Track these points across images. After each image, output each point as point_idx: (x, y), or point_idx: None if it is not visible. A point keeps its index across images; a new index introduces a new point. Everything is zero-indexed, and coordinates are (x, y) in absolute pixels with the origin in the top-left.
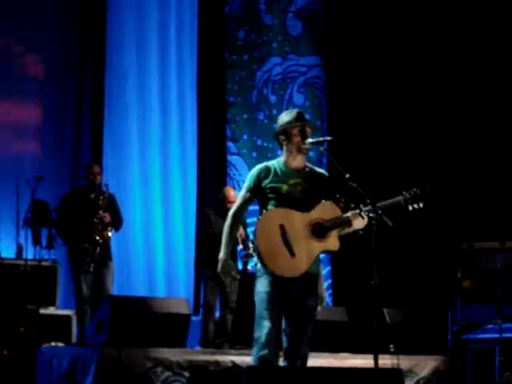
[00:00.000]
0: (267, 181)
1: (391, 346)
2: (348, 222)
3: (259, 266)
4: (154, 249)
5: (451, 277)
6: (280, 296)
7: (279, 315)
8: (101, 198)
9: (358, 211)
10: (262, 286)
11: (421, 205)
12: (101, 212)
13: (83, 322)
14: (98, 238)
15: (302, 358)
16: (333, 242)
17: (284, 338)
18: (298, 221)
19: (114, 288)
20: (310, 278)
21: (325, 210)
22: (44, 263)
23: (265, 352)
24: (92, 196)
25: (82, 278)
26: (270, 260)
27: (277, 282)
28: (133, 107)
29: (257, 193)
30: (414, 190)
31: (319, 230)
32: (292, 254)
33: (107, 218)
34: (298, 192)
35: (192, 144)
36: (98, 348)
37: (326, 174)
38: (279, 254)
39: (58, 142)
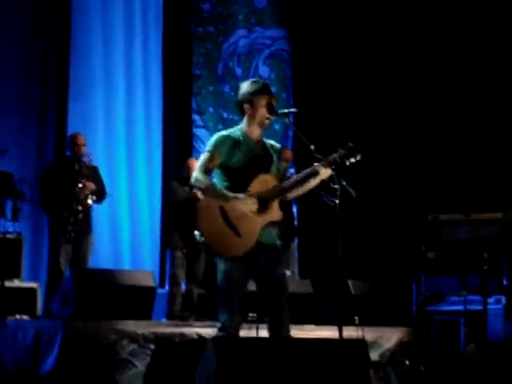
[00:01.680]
0: (231, 151)
1: (356, 317)
2: (315, 173)
3: None
4: (119, 221)
5: (416, 248)
6: (240, 275)
7: (240, 295)
8: (84, 168)
9: (322, 162)
10: (221, 264)
11: (358, 157)
12: (83, 181)
13: (53, 295)
14: (78, 206)
15: (286, 327)
16: (274, 212)
17: (264, 312)
18: (237, 199)
19: None
20: (269, 249)
21: (262, 182)
22: (9, 236)
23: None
24: (76, 167)
25: (61, 250)
26: (217, 245)
27: (236, 262)
28: (98, 79)
29: (220, 160)
30: (349, 143)
31: (260, 203)
32: (237, 233)
33: (90, 186)
34: (256, 165)
35: (157, 117)
36: (63, 320)
37: (278, 145)
38: (224, 237)
39: (22, 113)
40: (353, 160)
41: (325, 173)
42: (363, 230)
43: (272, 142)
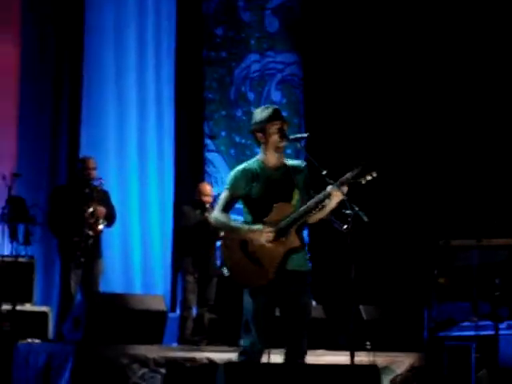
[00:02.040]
0: (250, 183)
1: (367, 343)
2: (328, 196)
3: None
4: (130, 245)
5: (427, 274)
6: (266, 304)
7: (265, 325)
8: (94, 192)
9: (336, 183)
10: (247, 295)
11: (374, 175)
12: (94, 205)
13: (64, 319)
14: (89, 231)
15: (302, 356)
16: (293, 240)
17: (285, 339)
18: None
19: None
20: (296, 275)
21: (280, 210)
22: (21, 259)
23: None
24: (86, 190)
25: (71, 274)
26: (241, 278)
27: (263, 289)
28: (110, 104)
29: (240, 195)
30: (362, 162)
31: (278, 232)
32: (259, 264)
33: (101, 211)
34: (276, 194)
35: (169, 141)
36: (74, 344)
37: (304, 163)
38: (246, 269)
39: (35, 138)
40: (369, 178)
41: (339, 194)
42: (375, 255)
43: (296, 162)
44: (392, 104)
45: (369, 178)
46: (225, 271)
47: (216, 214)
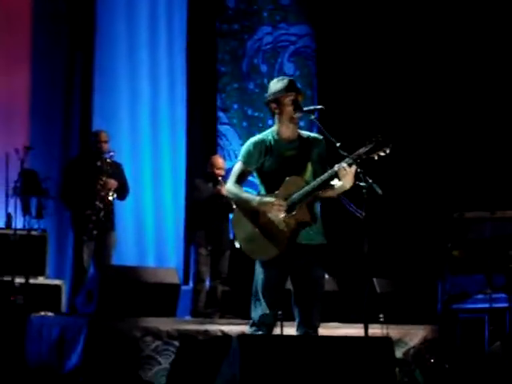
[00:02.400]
0: (263, 157)
1: (381, 315)
2: (334, 175)
3: None
4: (143, 219)
5: (441, 246)
6: (277, 276)
7: (275, 297)
8: (106, 165)
9: (344, 163)
10: (259, 265)
11: (387, 151)
12: (104, 178)
13: (77, 292)
14: (99, 203)
15: (314, 329)
16: (304, 214)
17: (295, 311)
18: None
19: None
20: (309, 249)
21: (290, 185)
22: (33, 233)
23: (257, 333)
24: (98, 163)
25: (84, 247)
26: (251, 250)
27: (275, 260)
28: (123, 77)
29: (253, 168)
30: (377, 136)
31: (289, 207)
32: (270, 237)
33: (111, 183)
34: (288, 167)
35: (182, 114)
36: (87, 317)
37: (320, 137)
38: (257, 241)
39: (47, 111)
40: (382, 154)
41: (349, 173)
42: (389, 228)
43: (312, 134)
44: (406, 77)
45: (382, 153)
46: (237, 243)
47: (229, 186)
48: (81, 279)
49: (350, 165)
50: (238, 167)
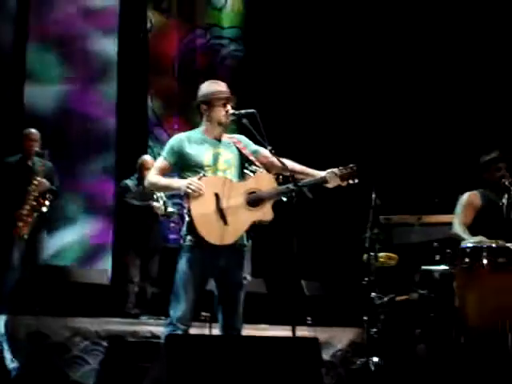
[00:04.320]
0: (188, 150)
1: (308, 318)
2: (324, 182)
3: (183, 241)
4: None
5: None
6: (200, 276)
7: (195, 297)
8: (39, 165)
9: (335, 170)
10: (182, 264)
11: (356, 181)
12: (37, 178)
13: (6, 290)
14: (34, 203)
15: (237, 332)
16: (267, 212)
17: (218, 314)
18: (233, 189)
19: None
20: (239, 251)
21: (261, 180)
22: None
23: (175, 333)
24: (29, 163)
25: (14, 245)
26: (202, 227)
27: (198, 259)
28: None
29: (176, 162)
30: (351, 166)
31: (254, 200)
32: (225, 222)
33: (43, 184)
34: (222, 162)
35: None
36: (15, 316)
37: (243, 137)
38: (212, 222)
39: None
40: (351, 182)
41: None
42: (317, 231)
43: (235, 135)
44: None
45: (351, 182)
46: (186, 215)
47: (148, 177)
48: (10, 278)
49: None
50: (157, 162)
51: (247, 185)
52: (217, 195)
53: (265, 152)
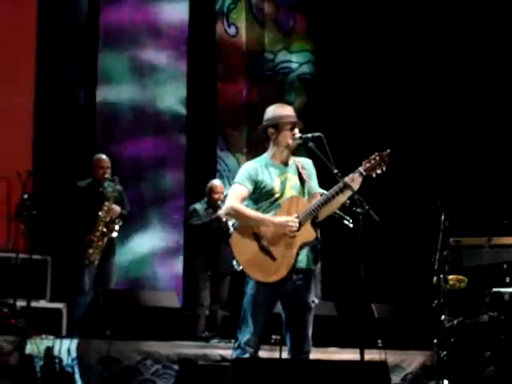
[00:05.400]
0: (261, 178)
1: (379, 340)
2: (346, 187)
3: None
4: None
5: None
6: (267, 299)
7: (263, 320)
8: (110, 190)
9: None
10: (249, 288)
11: (384, 168)
12: (107, 204)
13: (78, 315)
14: (104, 229)
15: (305, 355)
16: (307, 233)
17: (287, 337)
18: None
19: None
20: (301, 274)
21: (292, 204)
22: (35, 256)
23: (243, 356)
24: (100, 189)
25: (85, 270)
26: (254, 272)
27: (264, 285)
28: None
29: (253, 190)
30: (373, 155)
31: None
32: (272, 258)
33: (114, 210)
34: (289, 188)
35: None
36: (88, 341)
37: (310, 160)
38: (261, 263)
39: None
40: (379, 171)
41: (353, 186)
42: (387, 254)
43: (302, 159)
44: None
45: (379, 171)
46: (236, 266)
47: (232, 205)
48: (82, 303)
49: (358, 176)
50: (236, 189)
51: (281, 214)
52: (255, 235)
53: (316, 194)
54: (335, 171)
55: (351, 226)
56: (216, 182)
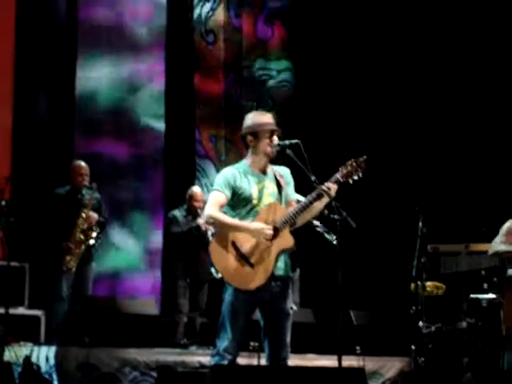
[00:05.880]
0: (239, 184)
1: (357, 347)
2: (323, 194)
3: None
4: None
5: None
6: (246, 306)
7: (242, 327)
8: (87, 198)
9: (327, 183)
10: (228, 294)
11: (360, 175)
12: (85, 211)
13: (56, 321)
14: (82, 236)
15: (284, 362)
16: (286, 239)
17: (265, 343)
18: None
19: None
20: (281, 281)
21: (269, 211)
22: (13, 263)
23: (222, 363)
24: (79, 196)
25: (63, 277)
26: (233, 279)
27: (243, 292)
28: None
29: (231, 196)
30: (350, 162)
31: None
32: (251, 265)
33: (92, 217)
34: (266, 195)
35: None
36: (65, 347)
37: (287, 169)
38: (239, 271)
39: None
40: (356, 178)
41: (330, 193)
42: (365, 261)
43: (280, 168)
44: (374, 104)
45: (356, 177)
46: (215, 273)
47: (211, 212)
48: (57, 309)
49: (334, 182)
50: (214, 196)
51: (258, 220)
52: (233, 243)
53: (292, 202)
54: (312, 178)
55: (335, 242)
56: (196, 190)
